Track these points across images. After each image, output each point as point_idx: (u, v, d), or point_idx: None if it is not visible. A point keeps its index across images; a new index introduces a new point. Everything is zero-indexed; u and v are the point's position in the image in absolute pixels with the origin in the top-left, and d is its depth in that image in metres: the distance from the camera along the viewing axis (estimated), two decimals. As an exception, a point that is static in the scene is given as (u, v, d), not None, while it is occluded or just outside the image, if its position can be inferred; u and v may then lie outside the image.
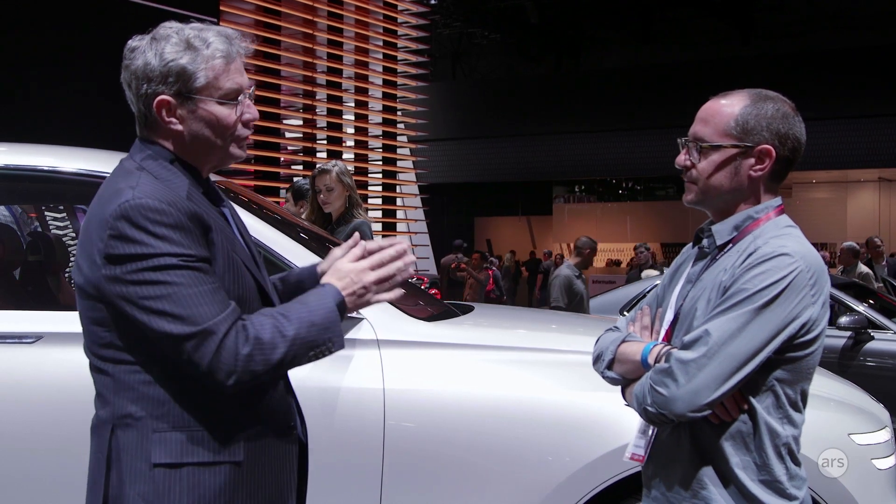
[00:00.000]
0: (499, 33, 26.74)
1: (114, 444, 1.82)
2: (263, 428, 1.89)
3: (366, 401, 2.96)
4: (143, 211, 1.74)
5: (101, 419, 1.86)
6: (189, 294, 1.73)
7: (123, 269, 1.74)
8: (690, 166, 2.02)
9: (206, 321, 1.72)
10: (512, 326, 3.78)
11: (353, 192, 5.28)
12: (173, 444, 1.79)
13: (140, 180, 1.80)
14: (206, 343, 1.72)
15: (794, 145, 1.99)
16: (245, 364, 1.74)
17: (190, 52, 1.84)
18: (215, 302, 1.75)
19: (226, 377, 1.73)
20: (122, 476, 1.80)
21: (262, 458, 1.88)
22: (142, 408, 1.80)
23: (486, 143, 25.18)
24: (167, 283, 1.73)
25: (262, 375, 1.78)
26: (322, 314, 1.83)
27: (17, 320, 3.00)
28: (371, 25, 10.85)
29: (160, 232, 1.74)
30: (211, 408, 1.81)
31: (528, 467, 2.98)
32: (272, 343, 1.76)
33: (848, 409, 3.27)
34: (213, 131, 1.88)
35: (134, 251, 1.73)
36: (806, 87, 19.77)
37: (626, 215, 27.19)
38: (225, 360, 1.73)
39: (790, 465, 1.96)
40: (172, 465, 1.78)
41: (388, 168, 11.38)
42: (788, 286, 1.85)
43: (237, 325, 1.76)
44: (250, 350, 1.74)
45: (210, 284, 1.76)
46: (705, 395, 1.84)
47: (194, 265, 1.75)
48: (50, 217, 4.56)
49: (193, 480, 1.79)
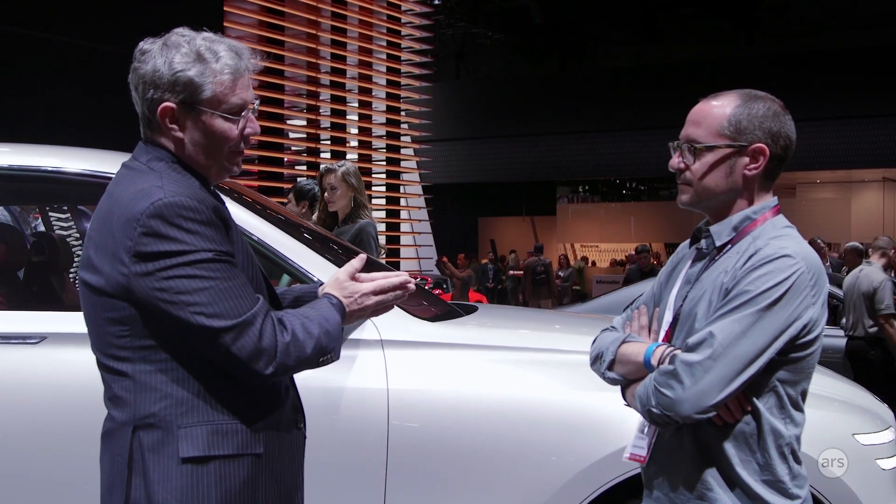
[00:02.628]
0: (502, 33, 26.73)
1: (136, 445, 1.83)
2: (278, 422, 1.94)
3: (370, 401, 2.96)
4: (177, 208, 1.77)
5: (120, 422, 1.86)
6: (225, 288, 1.78)
7: (157, 266, 1.76)
8: (684, 168, 2.03)
9: (244, 313, 1.78)
10: (516, 327, 3.78)
11: (358, 194, 5.28)
12: (200, 437, 1.82)
13: (163, 179, 1.83)
14: (246, 333, 1.78)
15: (786, 143, 2.00)
16: (283, 353, 1.81)
17: (199, 64, 1.86)
18: (247, 295, 1.81)
19: (265, 365, 1.80)
20: (149, 476, 1.81)
21: (278, 451, 1.94)
22: (166, 406, 1.82)
23: (489, 144, 25.17)
24: (204, 277, 1.77)
25: (293, 369, 1.86)
26: (333, 324, 1.93)
27: (22, 321, 3.00)
28: (375, 26, 10.86)
29: (194, 228, 1.78)
30: (232, 403, 1.85)
31: (532, 467, 2.97)
32: (303, 339, 1.85)
33: (852, 410, 3.26)
34: (212, 143, 1.91)
35: (170, 248, 1.76)
36: (810, 87, 19.78)
37: (630, 215, 27.20)
38: (266, 348, 1.79)
39: (793, 464, 1.96)
40: (200, 458, 1.81)
41: (392, 168, 11.38)
42: (791, 287, 1.85)
43: (272, 317, 1.83)
44: (289, 340, 1.82)
45: (241, 278, 1.83)
46: (711, 397, 1.84)
47: (226, 259, 1.81)
48: (54, 217, 4.57)
49: (221, 473, 1.83)
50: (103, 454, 1.90)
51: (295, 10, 9.64)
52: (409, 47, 11.60)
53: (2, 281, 3.61)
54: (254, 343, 1.78)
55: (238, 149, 1.95)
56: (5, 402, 2.86)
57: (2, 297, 3.53)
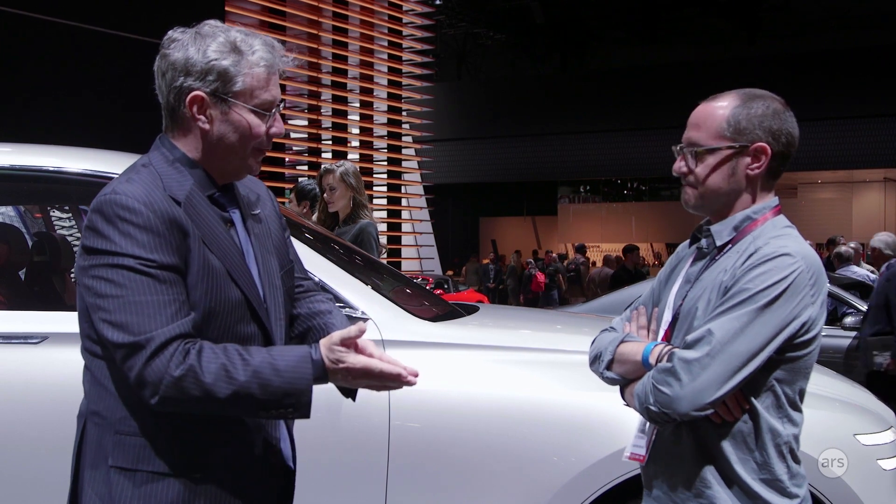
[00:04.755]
0: (504, 33, 26.74)
1: (84, 439, 1.84)
2: (233, 450, 1.84)
3: (371, 401, 2.96)
4: (116, 207, 1.73)
5: (80, 411, 1.88)
6: (135, 301, 1.69)
7: (89, 261, 1.75)
8: (688, 172, 2.04)
9: (141, 333, 1.68)
10: (517, 327, 3.78)
11: (358, 194, 5.27)
12: (130, 449, 1.77)
13: (133, 176, 1.80)
14: (136, 355, 1.68)
15: (788, 140, 2.00)
16: (171, 387, 1.67)
17: (234, 55, 1.82)
18: (160, 315, 1.70)
19: (150, 395, 1.69)
20: (83, 472, 1.82)
21: (226, 480, 1.82)
22: (107, 407, 1.80)
23: (491, 144, 25.18)
24: (117, 283, 1.71)
25: (191, 405, 1.71)
26: (288, 377, 1.72)
27: (23, 321, 3.00)
28: (376, 26, 10.86)
29: (127, 230, 1.72)
30: (170, 420, 1.77)
31: (534, 467, 2.97)
32: (213, 380, 1.68)
33: (853, 410, 3.26)
34: (239, 137, 1.85)
35: (99, 245, 1.73)
36: (812, 87, 19.78)
37: (632, 215, 27.19)
38: (150, 377, 1.67)
39: (791, 463, 1.97)
40: (128, 469, 1.77)
41: (394, 168, 11.39)
42: (790, 286, 1.86)
43: (178, 345, 1.69)
44: (181, 375, 1.67)
45: (162, 295, 1.71)
46: (709, 394, 1.85)
47: (151, 271, 1.71)
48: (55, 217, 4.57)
49: (148, 488, 1.77)
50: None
51: (296, 10, 9.64)
52: (410, 47, 11.60)
53: (3, 281, 3.62)
54: (139, 367, 1.67)
55: (262, 147, 1.90)
56: (7, 401, 2.86)
57: (3, 296, 3.53)
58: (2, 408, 2.86)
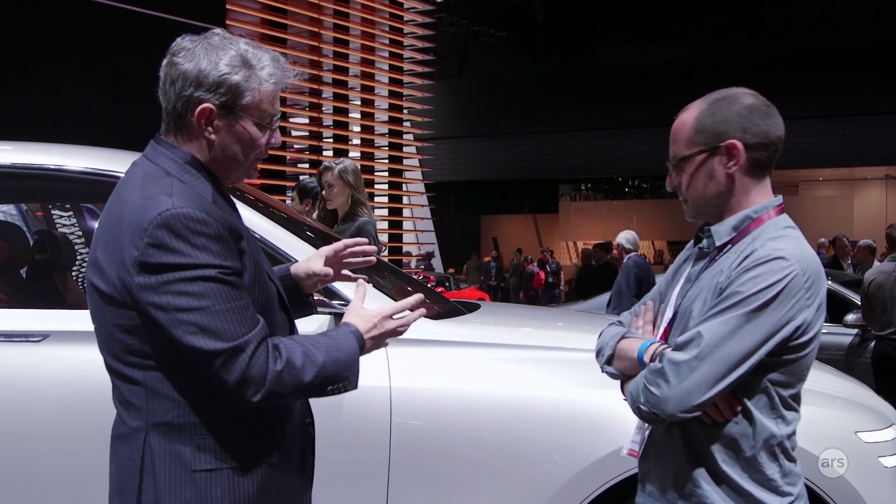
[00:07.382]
0: (505, 31, 26.76)
1: (147, 452, 1.81)
2: (290, 428, 1.95)
3: (372, 399, 2.96)
4: (184, 220, 1.73)
5: (132, 427, 1.84)
6: (223, 309, 1.74)
7: (160, 279, 1.73)
8: (677, 186, 2.06)
9: (237, 337, 1.74)
10: (518, 324, 3.78)
11: (356, 192, 5.26)
12: (211, 450, 1.81)
13: (173, 186, 1.80)
14: (237, 359, 1.74)
15: (760, 131, 1.96)
16: (273, 382, 1.76)
17: (245, 70, 1.86)
18: (246, 319, 1.77)
19: (253, 393, 1.76)
20: (159, 484, 1.80)
21: (290, 457, 1.94)
22: (178, 416, 1.81)
23: (492, 142, 25.19)
24: (203, 295, 1.73)
25: (286, 397, 1.81)
26: (347, 351, 1.89)
27: (24, 319, 3.00)
28: (377, 24, 10.86)
29: (200, 243, 1.74)
30: (243, 413, 1.83)
31: (535, 465, 2.97)
32: (302, 367, 1.80)
33: (855, 407, 3.26)
34: (242, 148, 1.91)
35: (171, 260, 1.72)
36: (813, 85, 19.78)
37: (633, 213, 27.18)
38: (255, 376, 1.75)
39: (784, 462, 1.96)
40: (213, 469, 1.81)
41: (395, 166, 11.39)
42: (783, 290, 1.84)
43: (269, 343, 1.79)
44: (281, 369, 1.77)
45: (242, 300, 1.78)
46: (696, 397, 1.84)
47: (229, 279, 1.76)
48: (56, 215, 4.57)
49: (231, 484, 1.82)
50: (114, 456, 1.89)
51: (297, 9, 9.64)
52: (411, 45, 11.60)
53: (5, 279, 3.62)
54: (242, 370, 1.74)
55: (260, 156, 1.96)
56: (8, 400, 2.86)
57: (5, 295, 3.53)
58: (3, 406, 2.86)
